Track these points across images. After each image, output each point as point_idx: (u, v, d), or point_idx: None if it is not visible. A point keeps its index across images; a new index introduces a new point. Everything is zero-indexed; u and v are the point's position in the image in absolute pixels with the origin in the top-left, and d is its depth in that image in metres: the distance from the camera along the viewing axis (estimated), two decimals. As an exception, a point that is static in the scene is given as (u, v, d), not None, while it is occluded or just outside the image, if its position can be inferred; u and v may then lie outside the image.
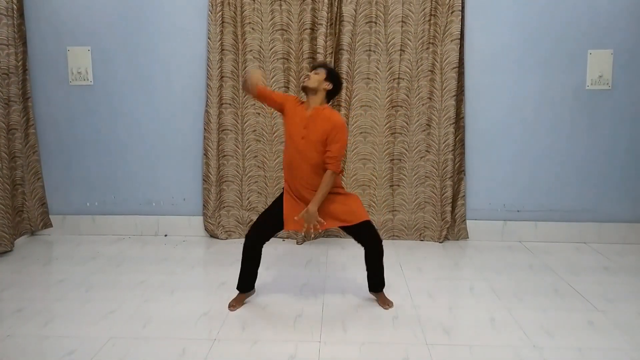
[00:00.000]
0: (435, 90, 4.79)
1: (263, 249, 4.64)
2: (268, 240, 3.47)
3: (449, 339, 3.05)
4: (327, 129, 3.22)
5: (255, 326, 3.19)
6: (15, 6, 4.65)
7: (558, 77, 4.80)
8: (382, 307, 3.47)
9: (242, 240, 4.86)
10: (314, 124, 3.25)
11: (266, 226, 3.42)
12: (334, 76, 3.36)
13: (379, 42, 4.78)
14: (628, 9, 4.69)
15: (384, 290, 3.53)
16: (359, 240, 3.43)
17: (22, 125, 4.80)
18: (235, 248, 4.71)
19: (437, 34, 4.74)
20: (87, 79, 4.94)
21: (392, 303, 3.49)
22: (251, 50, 4.81)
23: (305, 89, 3.32)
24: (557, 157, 4.90)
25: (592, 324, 3.24)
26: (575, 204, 4.94)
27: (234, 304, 3.45)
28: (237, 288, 3.49)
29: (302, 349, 2.92)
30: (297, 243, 4.85)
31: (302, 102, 3.38)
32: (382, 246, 3.41)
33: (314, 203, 3.23)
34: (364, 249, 3.43)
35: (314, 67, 3.42)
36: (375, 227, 3.50)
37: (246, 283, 3.49)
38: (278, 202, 3.43)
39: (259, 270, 3.96)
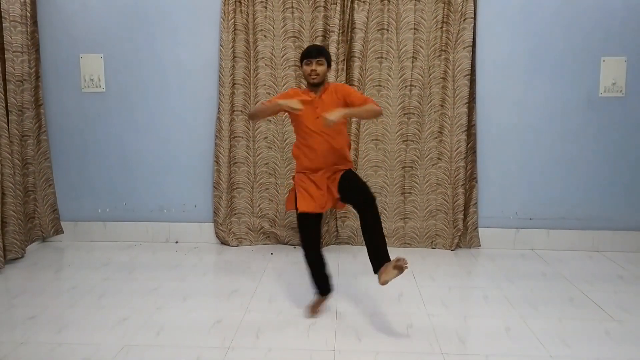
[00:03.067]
0: (447, 97, 4.78)
1: (275, 256, 4.67)
2: (322, 239, 3.47)
3: (464, 348, 3.03)
4: (338, 96, 3.28)
5: (269, 334, 3.17)
6: (28, 13, 4.67)
7: (571, 84, 4.78)
8: (400, 270, 2.96)
9: (253, 247, 4.95)
10: (323, 102, 3.27)
11: (311, 228, 3.37)
12: (329, 58, 3.37)
13: (391, 49, 4.77)
14: (641, 16, 4.68)
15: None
16: (353, 200, 3.26)
17: (35, 131, 4.82)
18: (246, 255, 4.71)
19: (449, 41, 4.73)
20: (100, 86, 4.96)
21: (405, 260, 2.97)
22: (263, 58, 4.81)
23: (315, 85, 3.30)
24: (569, 165, 4.87)
25: (609, 333, 3.21)
26: (588, 212, 4.91)
27: (313, 310, 3.44)
28: (319, 293, 3.48)
29: (317, 357, 2.90)
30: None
31: (304, 90, 3.40)
32: (377, 207, 3.17)
33: (343, 112, 3.08)
34: (360, 212, 3.21)
35: (313, 56, 3.26)
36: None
37: (324, 286, 3.48)
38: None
39: (272, 279, 3.95)
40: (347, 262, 4.53)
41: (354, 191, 3.26)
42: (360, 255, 4.63)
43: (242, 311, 3.49)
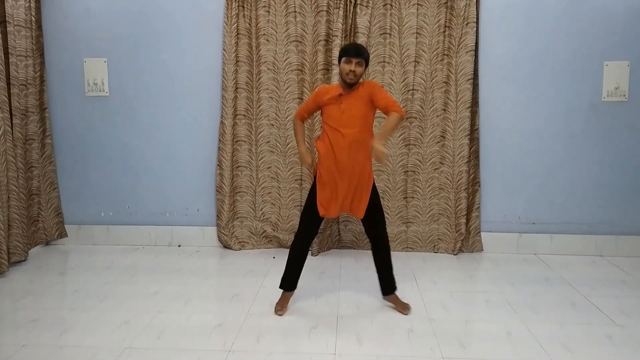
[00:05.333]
0: (449, 101, 4.78)
1: (274, 260, 4.68)
2: (316, 235, 3.62)
3: (465, 352, 3.02)
4: (365, 93, 3.32)
5: (269, 338, 3.17)
6: (33, 18, 4.71)
7: (574, 88, 4.77)
8: (401, 312, 3.53)
9: (256, 250, 4.95)
10: (350, 97, 3.33)
11: (316, 223, 3.51)
12: (368, 58, 3.38)
13: (393, 54, 4.78)
14: (644, 20, 4.68)
15: (397, 294, 3.64)
16: (373, 237, 3.56)
17: (39, 135, 4.85)
18: (248, 259, 4.72)
19: (451, 46, 4.73)
20: (103, 90, 4.98)
21: (409, 306, 3.57)
22: (265, 62, 4.83)
23: (350, 85, 3.32)
24: (572, 169, 4.86)
25: (611, 338, 3.19)
26: (591, 217, 4.89)
27: (281, 307, 3.53)
28: (282, 287, 3.58)
29: (317, 361, 2.91)
30: (312, 255, 4.83)
31: (335, 85, 3.45)
32: (388, 240, 3.59)
33: (380, 139, 3.18)
34: (372, 243, 3.59)
35: (352, 55, 3.28)
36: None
37: (291, 281, 3.58)
38: (313, 193, 3.47)
39: (274, 282, 3.96)
40: (349, 265, 4.53)
41: (375, 229, 3.54)
42: (362, 259, 4.63)
43: (243, 315, 3.50)
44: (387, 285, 3.62)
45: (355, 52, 3.28)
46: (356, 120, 3.34)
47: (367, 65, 3.37)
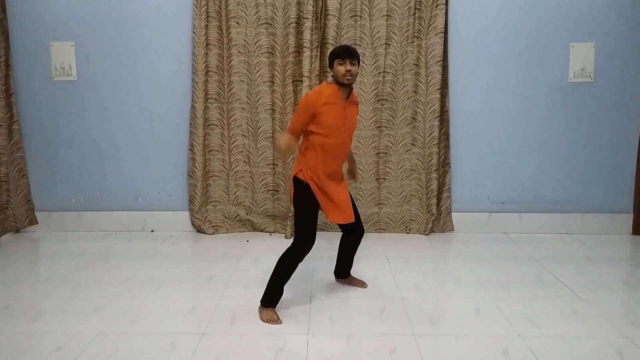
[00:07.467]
0: (420, 83, 4.82)
1: (251, 243, 4.71)
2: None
3: (435, 329, 3.09)
4: (356, 101, 3.43)
5: (243, 319, 3.20)
6: (-4, 1, 4.61)
7: (541, 70, 4.85)
8: (362, 287, 3.71)
9: (229, 234, 4.96)
10: (351, 110, 3.30)
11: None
12: (359, 57, 3.27)
13: (364, 36, 4.79)
14: (609, 2, 4.75)
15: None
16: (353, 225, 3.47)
17: (6, 121, 4.76)
18: (221, 243, 4.73)
19: (421, 28, 4.76)
20: (71, 75, 4.90)
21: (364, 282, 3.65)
22: (236, 45, 4.80)
23: (347, 85, 3.20)
24: (540, 149, 4.96)
25: (576, 313, 3.29)
26: (558, 196, 5.01)
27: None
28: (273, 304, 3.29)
29: (291, 341, 2.94)
30: (285, 237, 4.86)
31: (331, 90, 3.19)
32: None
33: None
34: (352, 236, 3.60)
35: (347, 57, 3.13)
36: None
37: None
38: (312, 199, 3.25)
39: (248, 265, 3.96)
40: (322, 247, 4.55)
41: (359, 222, 3.55)
42: (334, 241, 4.65)
43: (217, 298, 3.51)
44: (349, 268, 3.76)
45: (349, 53, 3.15)
46: (353, 128, 3.37)
47: (358, 64, 3.23)
